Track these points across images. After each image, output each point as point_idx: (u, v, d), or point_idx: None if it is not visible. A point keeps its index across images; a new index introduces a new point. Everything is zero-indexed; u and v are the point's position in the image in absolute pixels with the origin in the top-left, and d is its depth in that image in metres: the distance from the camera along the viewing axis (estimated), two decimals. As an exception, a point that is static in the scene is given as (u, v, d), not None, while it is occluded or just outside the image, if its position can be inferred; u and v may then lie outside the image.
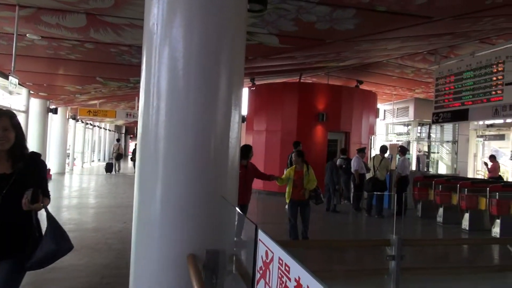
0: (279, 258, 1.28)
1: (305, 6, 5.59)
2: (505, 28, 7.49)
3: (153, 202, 2.52)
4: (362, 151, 10.06)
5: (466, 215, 8.30)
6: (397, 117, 19.00)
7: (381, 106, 18.71)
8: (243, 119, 13.45)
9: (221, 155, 2.60)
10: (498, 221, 7.57)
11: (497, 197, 7.57)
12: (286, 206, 6.48)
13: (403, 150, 10.18)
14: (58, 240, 2.49)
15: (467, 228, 8.23)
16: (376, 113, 14.92)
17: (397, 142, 17.67)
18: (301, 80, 14.04)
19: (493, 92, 7.92)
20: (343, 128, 13.04)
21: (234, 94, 2.64)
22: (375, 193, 9.46)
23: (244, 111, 13.82)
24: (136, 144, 3.24)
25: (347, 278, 3.17)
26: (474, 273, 3.73)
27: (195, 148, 2.50)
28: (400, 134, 19.84)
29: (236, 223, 3.01)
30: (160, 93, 2.52)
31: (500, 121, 15.31)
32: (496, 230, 7.59)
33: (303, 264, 1.07)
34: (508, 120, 14.53)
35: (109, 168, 19.75)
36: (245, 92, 13.88)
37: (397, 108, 18.72)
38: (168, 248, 2.47)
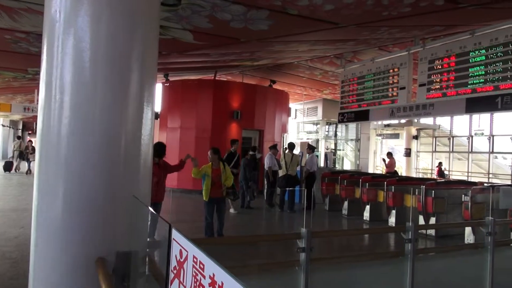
0: (194, 257, 1.27)
1: (220, 4, 5.60)
2: (399, 37, 8.32)
3: (56, 203, 2.33)
4: (274, 147, 10.35)
5: (367, 207, 9.06)
6: (307, 116, 20.01)
7: (292, 106, 19.54)
8: (156, 115, 13.06)
9: (133, 153, 2.49)
10: (393, 211, 8.39)
11: (392, 190, 8.38)
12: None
13: (311, 147, 10.74)
14: None
15: (368, 219, 8.98)
16: (288, 112, 15.53)
17: (307, 140, 18.61)
18: (216, 78, 14.05)
19: (390, 95, 8.75)
20: (257, 126, 13.35)
21: (146, 89, 2.55)
22: (287, 189, 9.84)
23: (158, 107, 13.41)
24: (29, 141, 2.95)
25: (261, 272, 3.26)
26: (374, 259, 4.09)
27: (104, 146, 2.36)
28: (310, 132, 20.92)
29: (149, 223, 2.92)
30: (63, 86, 2.33)
31: (395, 121, 17.02)
32: (392, 220, 8.40)
33: (217, 261, 1.07)
34: (402, 121, 16.20)
35: (7, 166, 17.83)
36: (159, 88, 13.48)
37: (307, 108, 19.72)
38: (73, 252, 2.30)
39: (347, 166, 20.37)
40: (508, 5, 6.00)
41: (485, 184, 8.85)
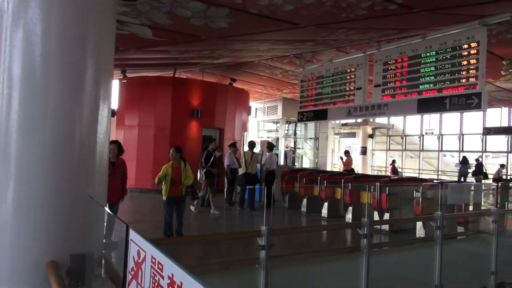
0: (152, 257, 1.24)
1: (180, 0, 5.52)
2: (356, 39, 8.57)
3: (3, 204, 2.20)
4: (234, 146, 10.33)
5: (326, 204, 9.27)
6: (267, 115, 20.17)
7: (253, 104, 19.61)
8: (113, 113, 12.66)
9: (88, 151, 2.40)
10: (350, 208, 8.64)
11: (349, 188, 8.63)
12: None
13: (270, 146, 10.84)
14: None
15: (326, 216, 9.20)
16: (248, 110, 15.58)
17: (268, 139, 18.76)
18: (176, 75, 13.84)
19: (347, 95, 9.00)
20: (218, 125, 13.29)
21: (102, 85, 2.46)
22: (247, 187, 9.87)
23: (114, 104, 13.00)
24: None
25: (221, 271, 3.26)
26: (332, 255, 4.20)
27: (56, 144, 2.26)
28: (270, 131, 21.10)
29: (105, 224, 2.83)
30: (12, 81, 2.21)
31: (352, 120, 17.54)
32: (349, 216, 8.65)
33: (176, 261, 1.06)
34: (359, 120, 16.72)
35: None
36: (115, 84, 13.06)
37: (267, 107, 19.88)
38: (22, 256, 2.18)
39: (306, 164, 20.74)
40: (456, 11, 6.35)
41: (435, 181, 9.33)
